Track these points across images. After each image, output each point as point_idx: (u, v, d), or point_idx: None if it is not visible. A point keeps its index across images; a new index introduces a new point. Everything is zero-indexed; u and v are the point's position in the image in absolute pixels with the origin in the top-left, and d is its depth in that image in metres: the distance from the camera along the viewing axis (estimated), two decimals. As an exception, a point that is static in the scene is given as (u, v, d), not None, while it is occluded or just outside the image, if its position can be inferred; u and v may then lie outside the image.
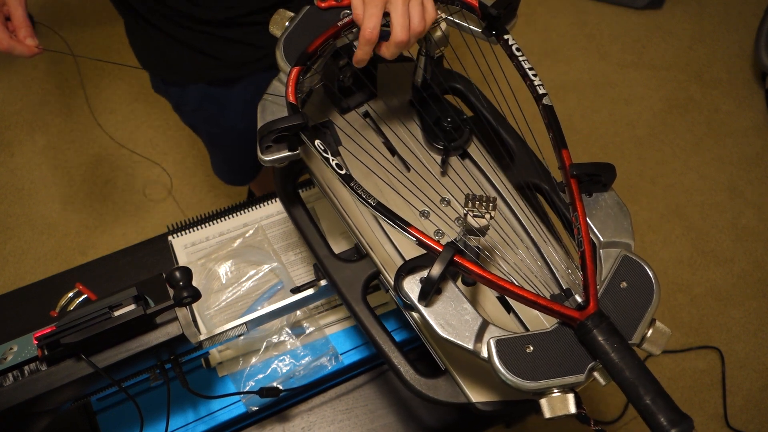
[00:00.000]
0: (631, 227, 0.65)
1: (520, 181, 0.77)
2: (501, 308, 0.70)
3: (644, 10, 2.24)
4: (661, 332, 0.59)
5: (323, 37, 0.69)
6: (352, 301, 0.71)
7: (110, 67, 2.01)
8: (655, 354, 0.59)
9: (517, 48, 0.70)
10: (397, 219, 0.60)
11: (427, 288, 0.58)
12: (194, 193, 1.83)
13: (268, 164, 0.67)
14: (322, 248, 0.75)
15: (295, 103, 0.66)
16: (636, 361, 0.54)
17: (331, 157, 0.63)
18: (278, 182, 0.79)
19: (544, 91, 0.67)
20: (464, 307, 0.59)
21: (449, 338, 0.58)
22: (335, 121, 0.80)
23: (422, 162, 0.77)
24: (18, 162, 1.87)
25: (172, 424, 0.86)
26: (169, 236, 0.98)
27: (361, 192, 0.61)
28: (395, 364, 0.68)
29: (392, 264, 0.71)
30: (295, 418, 0.91)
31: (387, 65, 0.83)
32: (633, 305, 0.59)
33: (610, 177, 0.66)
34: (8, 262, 1.74)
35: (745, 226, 1.88)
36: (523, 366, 0.56)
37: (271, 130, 0.64)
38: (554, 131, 0.66)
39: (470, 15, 0.73)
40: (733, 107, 2.07)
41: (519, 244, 0.72)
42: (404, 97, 0.82)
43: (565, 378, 0.56)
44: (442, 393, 0.66)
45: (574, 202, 0.63)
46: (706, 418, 1.64)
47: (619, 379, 0.54)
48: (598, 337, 0.55)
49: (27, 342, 0.69)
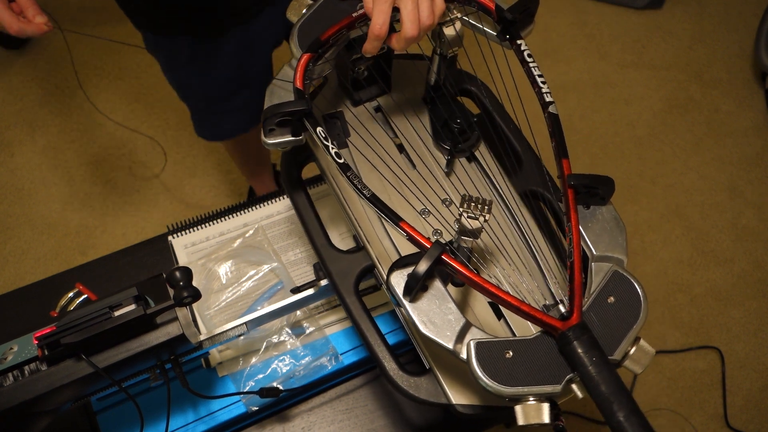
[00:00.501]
0: (626, 243, 0.65)
1: (524, 188, 0.76)
2: (492, 314, 0.70)
3: (644, 10, 2.23)
4: (645, 351, 0.58)
5: (337, 26, 0.70)
6: (344, 292, 0.71)
7: (110, 67, 2.01)
8: (637, 373, 0.58)
9: (528, 54, 0.69)
10: (389, 212, 0.60)
11: (412, 283, 0.58)
12: (194, 193, 1.83)
13: (271, 147, 0.67)
14: (320, 237, 0.75)
15: (301, 89, 0.66)
16: (613, 376, 0.54)
17: (330, 145, 0.63)
18: (284, 167, 0.79)
19: (551, 99, 0.67)
20: (449, 306, 0.59)
21: (430, 336, 0.58)
22: (347, 113, 0.80)
23: (428, 161, 0.77)
24: (18, 162, 1.87)
25: (172, 424, 0.86)
26: (169, 236, 0.98)
27: (357, 182, 0.61)
28: (380, 357, 0.68)
29: (388, 259, 0.71)
30: (295, 418, 0.91)
31: (402, 62, 0.83)
32: (618, 321, 0.58)
33: (608, 191, 0.65)
34: (8, 262, 1.74)
35: (745, 226, 1.88)
36: (500, 371, 0.56)
37: (275, 113, 0.64)
38: (557, 140, 0.65)
39: (486, 17, 0.73)
40: (733, 107, 2.07)
41: (515, 251, 0.72)
42: (417, 94, 0.82)
43: (541, 387, 0.55)
44: (424, 391, 0.66)
45: (569, 212, 0.62)
46: (706, 418, 1.64)
47: (594, 393, 0.54)
48: (578, 349, 0.55)
49: (27, 342, 0.69)
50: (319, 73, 0.74)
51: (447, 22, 0.71)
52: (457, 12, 0.72)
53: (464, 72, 0.84)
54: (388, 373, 0.67)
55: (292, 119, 0.65)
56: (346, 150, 0.78)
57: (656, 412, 1.64)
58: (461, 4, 0.73)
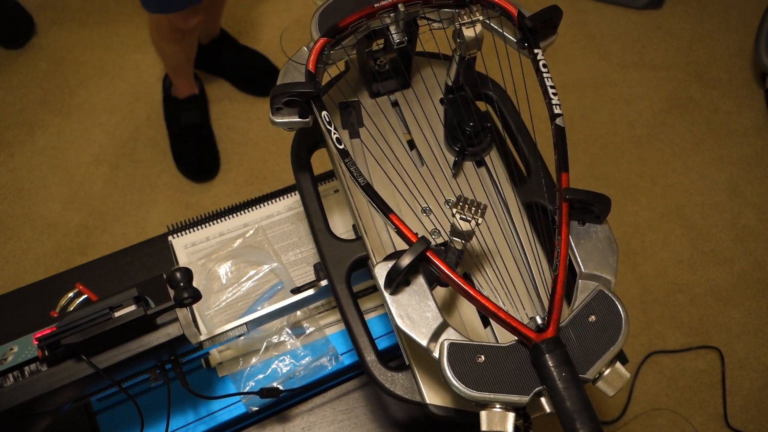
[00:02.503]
0: (616, 264, 0.64)
1: (530, 200, 0.76)
2: (478, 321, 0.70)
3: (644, 10, 2.23)
4: (619, 374, 0.57)
5: (358, 14, 0.70)
6: (335, 278, 0.71)
7: (110, 67, 2.01)
8: (609, 395, 0.57)
9: (544, 64, 0.69)
10: (381, 203, 0.60)
11: (393, 275, 0.58)
12: (194, 193, 1.83)
13: (278, 126, 0.68)
14: (319, 221, 0.75)
15: (313, 72, 0.66)
16: (580, 395, 0.53)
17: (333, 131, 0.63)
18: (294, 147, 0.80)
19: (560, 111, 0.67)
20: (428, 304, 0.59)
21: (405, 330, 0.58)
22: (364, 103, 0.81)
23: (437, 161, 0.77)
24: (18, 162, 1.87)
25: (172, 425, 0.86)
26: (169, 236, 0.98)
27: (354, 170, 0.62)
28: (360, 348, 0.68)
29: (383, 252, 0.71)
30: (296, 419, 0.91)
31: (422, 60, 0.83)
32: (596, 341, 0.58)
33: (604, 210, 0.65)
34: (8, 262, 1.74)
35: (745, 226, 1.88)
36: (470, 374, 0.56)
37: (282, 93, 0.65)
38: (560, 153, 0.65)
39: (507, 22, 0.73)
40: (733, 107, 2.07)
41: (507, 260, 0.71)
42: (435, 93, 0.82)
43: (508, 395, 0.55)
44: (399, 387, 0.66)
45: (560, 226, 0.62)
46: (706, 418, 1.64)
47: (559, 408, 0.53)
48: (549, 362, 0.54)
49: (27, 342, 0.69)
50: (335, 59, 0.74)
51: (468, 24, 0.71)
52: (479, 14, 0.72)
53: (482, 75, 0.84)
54: (368, 365, 0.67)
55: (300, 100, 0.66)
56: (357, 140, 0.78)
57: (656, 412, 1.64)
58: (484, 7, 0.73)
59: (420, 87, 0.83)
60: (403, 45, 0.71)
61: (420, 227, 0.72)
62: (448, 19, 0.77)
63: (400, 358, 0.92)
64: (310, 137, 0.80)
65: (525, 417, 0.59)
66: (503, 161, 0.79)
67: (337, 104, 0.80)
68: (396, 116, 0.81)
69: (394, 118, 0.81)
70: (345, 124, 0.79)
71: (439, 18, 0.76)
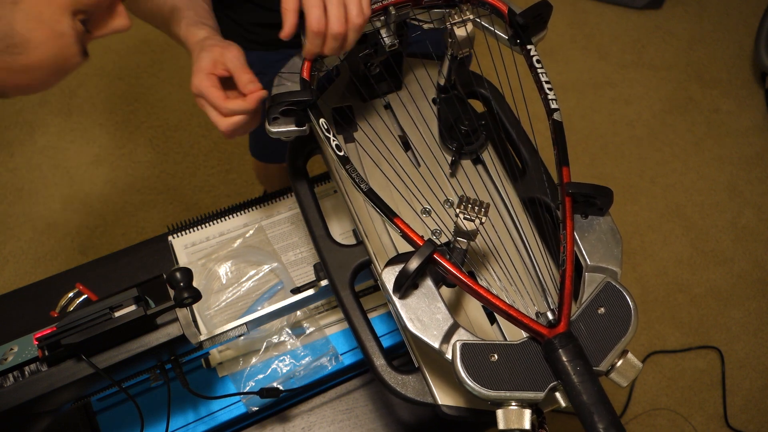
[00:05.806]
0: (621, 255, 0.64)
1: (528, 195, 0.76)
2: (485, 318, 0.70)
3: (644, 10, 2.23)
4: (632, 365, 0.57)
5: None
6: (338, 284, 0.71)
7: (110, 67, 2.01)
8: (622, 386, 0.58)
9: (537, 60, 0.69)
10: (385, 208, 0.60)
11: (402, 280, 0.58)
12: (194, 193, 1.83)
13: (274, 136, 0.68)
14: (319, 227, 0.75)
15: (308, 80, 0.66)
16: (596, 387, 0.53)
17: (332, 138, 0.63)
18: (289, 155, 0.80)
19: (557, 106, 0.67)
20: (438, 306, 0.59)
21: (416, 333, 0.58)
22: (357, 108, 0.80)
23: (433, 161, 0.77)
24: (18, 162, 1.87)
25: (172, 425, 0.86)
26: (169, 236, 0.98)
27: (355, 176, 0.62)
28: (370, 353, 0.68)
29: (385, 255, 0.71)
30: (296, 419, 0.91)
31: (414, 61, 0.83)
32: (607, 332, 0.58)
33: (607, 202, 0.65)
34: (8, 262, 1.74)
35: (744, 226, 1.88)
36: (484, 373, 0.56)
37: (279, 102, 0.65)
38: (559, 147, 0.65)
39: (498, 20, 0.73)
40: (733, 107, 2.07)
41: (512, 257, 0.71)
42: (428, 94, 0.82)
43: (524, 392, 0.55)
44: (411, 390, 0.66)
45: (565, 220, 0.62)
46: (706, 418, 1.64)
47: (576, 402, 0.53)
48: (563, 358, 0.54)
49: (27, 342, 0.69)
50: (327, 65, 0.74)
51: (459, 23, 0.71)
52: (469, 13, 0.72)
53: (475, 74, 0.84)
54: (377, 369, 0.67)
55: (297, 109, 0.66)
56: (353, 144, 0.78)
57: (656, 412, 1.64)
58: (474, 6, 0.73)
59: (413, 88, 0.83)
60: (394, 48, 0.71)
61: (421, 228, 0.72)
62: (438, 19, 0.77)
63: (403, 357, 0.92)
64: (305, 145, 0.80)
65: (538, 412, 0.59)
66: (500, 157, 0.79)
67: (330, 109, 0.80)
68: (390, 118, 0.81)
69: (388, 120, 0.81)
70: (340, 129, 0.79)
71: (430, 19, 0.76)
